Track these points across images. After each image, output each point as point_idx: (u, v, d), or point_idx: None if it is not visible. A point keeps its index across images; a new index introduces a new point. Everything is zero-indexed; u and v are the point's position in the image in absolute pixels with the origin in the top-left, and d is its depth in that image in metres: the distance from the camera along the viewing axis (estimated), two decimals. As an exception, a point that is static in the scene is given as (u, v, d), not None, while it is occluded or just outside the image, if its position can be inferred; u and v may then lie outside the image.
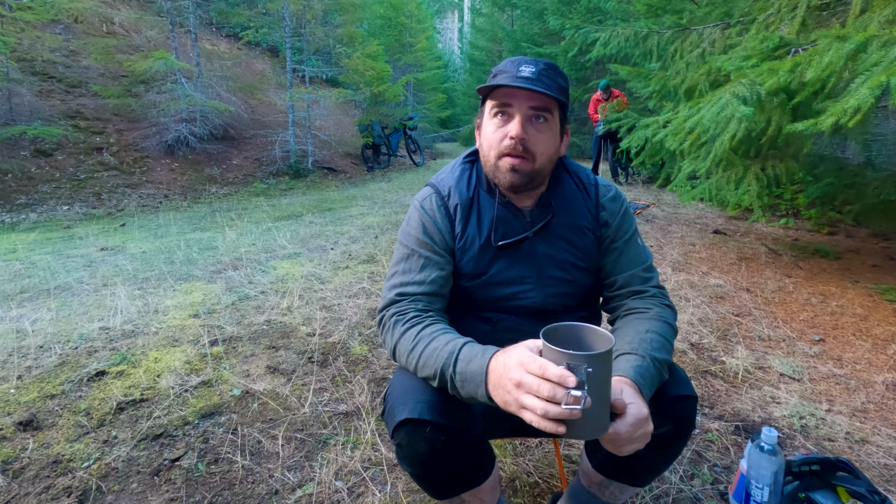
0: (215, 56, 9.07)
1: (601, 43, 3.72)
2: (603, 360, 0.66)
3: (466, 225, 1.00)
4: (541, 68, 0.92)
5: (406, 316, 0.93)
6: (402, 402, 0.87)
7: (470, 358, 0.80)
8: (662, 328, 0.92)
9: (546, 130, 0.93)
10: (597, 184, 1.06)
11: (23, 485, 1.39)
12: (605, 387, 0.68)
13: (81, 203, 6.69)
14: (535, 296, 1.00)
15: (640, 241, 1.05)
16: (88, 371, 1.97)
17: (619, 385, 0.76)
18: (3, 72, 6.85)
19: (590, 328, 0.74)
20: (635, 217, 1.08)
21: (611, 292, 1.04)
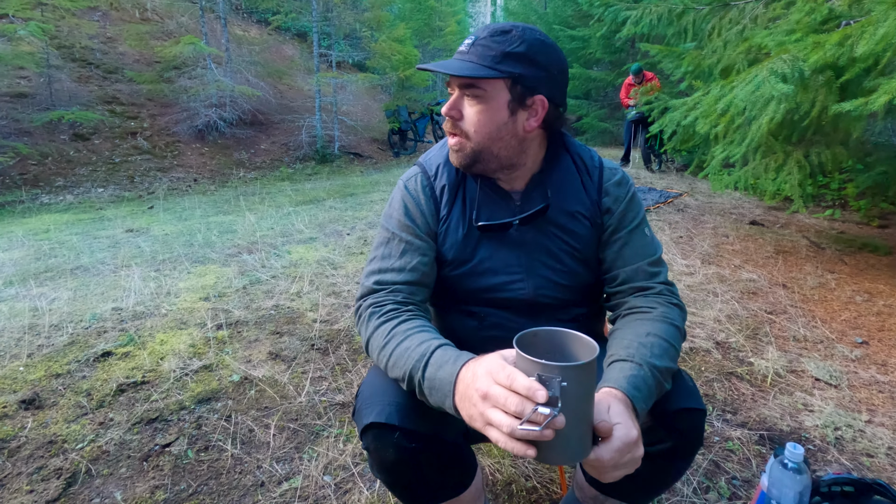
0: (245, 41, 9.14)
1: (632, 21, 3.50)
2: (581, 374, 0.56)
3: (452, 207, 0.91)
4: (480, 38, 0.82)
5: (382, 308, 0.84)
6: (369, 403, 0.79)
7: (441, 364, 0.71)
8: (666, 331, 0.81)
9: (479, 105, 0.83)
10: (601, 166, 0.94)
11: (16, 464, 1.39)
12: (583, 404, 0.58)
13: (115, 185, 6.90)
14: (524, 287, 0.90)
15: (647, 232, 0.93)
16: (95, 351, 1.99)
17: (607, 399, 0.66)
18: (44, 58, 7.08)
19: (574, 335, 0.64)
20: (646, 205, 0.95)
21: (612, 288, 0.93)
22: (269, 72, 9.23)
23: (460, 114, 0.84)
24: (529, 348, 0.62)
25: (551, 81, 0.85)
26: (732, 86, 2.40)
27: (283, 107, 10.17)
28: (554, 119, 0.88)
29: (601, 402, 0.64)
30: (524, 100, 0.83)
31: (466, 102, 0.83)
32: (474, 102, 0.82)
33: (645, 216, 0.95)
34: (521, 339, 0.62)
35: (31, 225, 4.64)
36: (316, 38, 8.88)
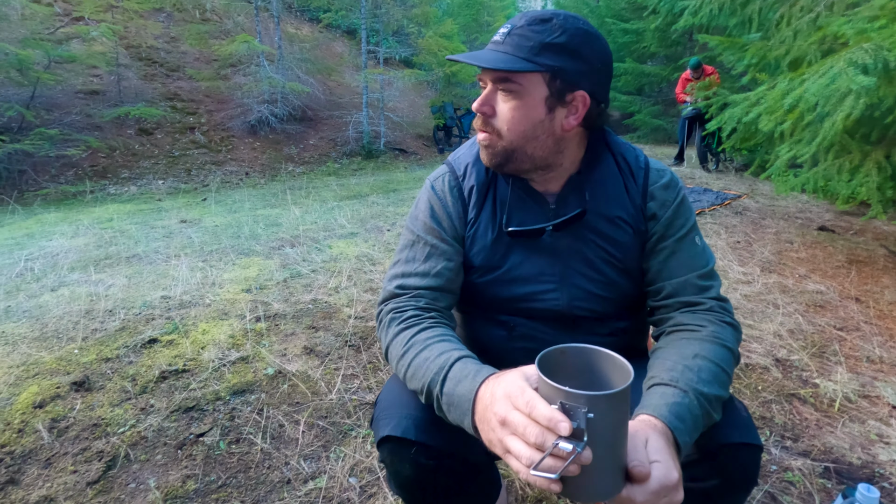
0: (296, 39, 9.39)
1: (690, 12, 3.28)
2: (612, 404, 0.49)
3: (481, 210, 0.85)
4: (517, 27, 0.75)
5: (403, 314, 0.80)
6: (387, 414, 0.75)
7: (460, 378, 0.65)
8: (717, 353, 0.72)
9: (513, 101, 0.76)
10: (647, 167, 0.85)
11: (64, 444, 1.46)
12: (614, 437, 0.51)
13: (174, 178, 7.27)
14: (557, 297, 0.83)
15: (698, 241, 0.83)
16: (143, 338, 2.07)
17: (645, 430, 0.58)
18: (114, 57, 7.55)
19: (608, 355, 0.57)
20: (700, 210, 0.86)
21: (657, 301, 0.84)
22: (318, 68, 9.45)
23: (493, 110, 0.78)
24: (556, 368, 0.55)
25: (593, 75, 0.77)
26: (802, 79, 2.18)
27: (332, 103, 10.38)
28: (595, 116, 0.80)
29: (638, 433, 0.57)
30: (563, 96, 0.76)
31: (500, 98, 0.77)
32: (508, 98, 0.76)
33: (696, 224, 0.85)
34: (545, 357, 0.55)
35: (96, 214, 4.95)
36: (364, 35, 9.00)
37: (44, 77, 6.27)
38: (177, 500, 1.26)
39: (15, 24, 6.69)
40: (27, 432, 1.50)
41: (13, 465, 1.38)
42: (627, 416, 0.52)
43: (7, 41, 6.14)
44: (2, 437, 1.48)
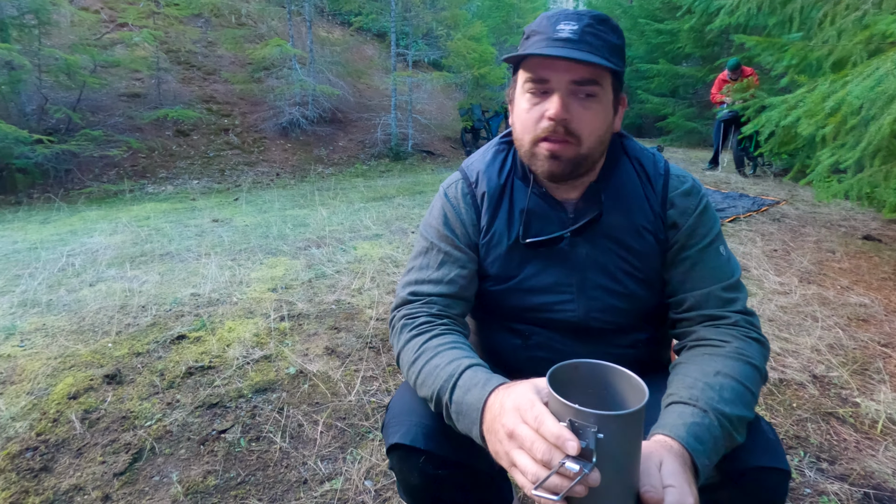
0: (328, 42, 9.55)
1: (726, 11, 3.16)
2: (624, 425, 0.47)
3: (494, 218, 0.83)
4: (585, 24, 0.72)
5: (415, 321, 0.79)
6: (397, 421, 0.74)
7: (469, 387, 0.64)
8: (741, 371, 0.68)
9: (594, 106, 0.73)
10: (667, 173, 0.82)
11: (94, 435, 1.52)
12: (626, 460, 0.49)
13: (208, 178, 7.50)
14: (574, 308, 0.81)
15: (722, 251, 0.80)
16: (172, 334, 2.13)
17: (660, 452, 0.55)
18: (155, 61, 7.85)
19: (622, 373, 0.55)
20: (723, 219, 0.82)
21: (678, 314, 0.81)
22: (348, 71, 9.58)
23: (571, 116, 0.72)
24: (568, 383, 0.54)
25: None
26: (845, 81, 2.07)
27: (361, 105, 10.51)
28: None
29: (652, 454, 0.54)
30: (619, 97, 0.78)
31: (578, 102, 0.72)
32: (590, 102, 0.73)
33: (720, 232, 0.81)
34: (557, 372, 0.53)
35: (134, 212, 5.15)
36: (393, 38, 9.08)
37: (90, 81, 6.57)
38: (197, 494, 1.29)
39: (65, 31, 7.04)
40: (61, 422, 1.57)
41: (47, 454, 1.44)
42: (641, 437, 0.50)
43: (57, 47, 6.47)
44: (38, 425, 1.55)
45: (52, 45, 6.62)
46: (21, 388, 1.74)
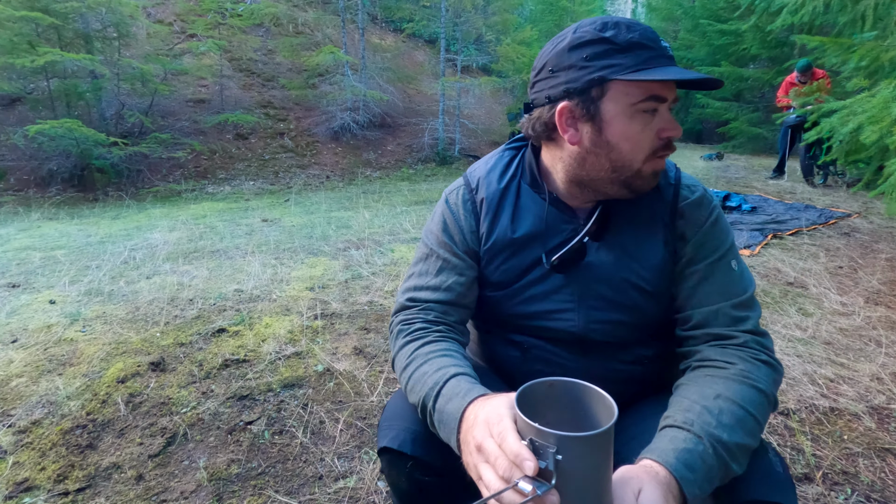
0: (379, 49, 9.80)
1: (789, 10, 2.96)
2: (586, 447, 0.45)
3: (495, 224, 0.82)
4: (662, 39, 0.70)
5: (411, 326, 0.80)
6: (388, 425, 0.75)
7: (451, 396, 0.64)
8: (744, 395, 0.64)
9: None
10: (677, 183, 0.78)
11: (136, 417, 1.63)
12: (589, 484, 0.47)
13: (263, 180, 7.87)
14: (573, 319, 0.79)
15: (734, 266, 0.75)
16: (214, 327, 2.26)
17: (641, 478, 0.53)
18: (219, 69, 8.35)
19: (597, 393, 0.53)
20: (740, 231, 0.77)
21: (684, 331, 0.76)
22: (399, 77, 9.78)
23: None
24: (543, 401, 0.53)
25: None
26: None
27: (410, 110, 10.69)
28: None
29: (631, 480, 0.52)
30: None
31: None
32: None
33: (733, 246, 0.77)
34: (530, 389, 0.52)
35: (193, 210, 5.49)
36: (443, 43, 9.18)
37: (160, 88, 7.09)
38: (220, 481, 1.36)
39: (141, 42, 7.64)
40: (109, 403, 1.70)
41: (94, 432, 1.56)
42: (608, 461, 0.48)
43: (134, 57, 7.03)
44: (89, 405, 1.68)
45: (129, 55, 7.20)
46: (78, 370, 1.89)
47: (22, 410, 1.65)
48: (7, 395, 1.74)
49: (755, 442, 0.62)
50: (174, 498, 1.30)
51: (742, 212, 4.84)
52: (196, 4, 8.38)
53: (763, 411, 0.64)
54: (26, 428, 1.56)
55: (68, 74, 6.27)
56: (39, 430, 1.55)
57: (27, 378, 1.84)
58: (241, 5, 8.84)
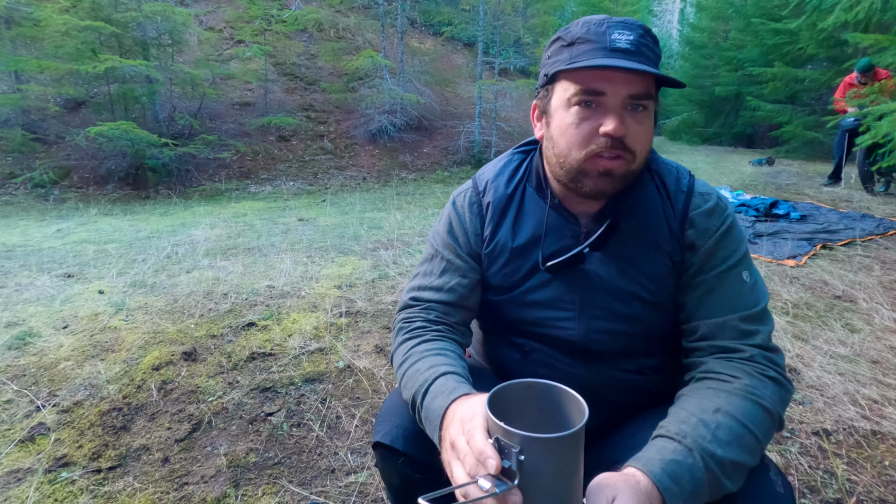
0: (418, 52, 9.91)
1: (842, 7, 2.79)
2: (550, 449, 0.45)
3: (498, 227, 0.82)
4: (640, 35, 0.68)
5: (411, 324, 0.81)
6: (382, 420, 0.77)
7: (437, 394, 0.65)
8: (745, 411, 0.61)
9: (646, 121, 0.70)
10: (690, 191, 0.76)
11: (166, 403, 1.72)
12: (554, 485, 0.47)
13: (302, 180, 8.11)
14: (573, 328, 0.77)
15: (745, 277, 0.72)
16: (244, 321, 2.35)
17: (618, 485, 0.52)
18: (263, 73, 8.68)
19: (571, 395, 0.53)
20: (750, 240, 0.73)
21: (690, 343, 0.74)
22: (436, 80, 9.86)
23: (625, 131, 0.69)
24: (521, 402, 0.53)
25: None
26: None
27: (447, 113, 10.75)
28: None
29: (606, 487, 0.51)
30: (657, 110, 0.74)
31: (632, 117, 0.69)
32: (643, 116, 0.70)
33: (746, 257, 0.73)
34: (505, 390, 0.53)
35: (235, 209, 5.73)
36: (480, 46, 9.19)
37: (208, 92, 7.43)
38: (238, 468, 1.41)
39: (193, 48, 8.05)
40: (143, 389, 1.80)
41: (128, 415, 1.66)
42: (575, 464, 0.47)
43: (185, 63, 7.41)
44: (126, 389, 1.79)
45: (182, 61, 7.60)
46: (118, 357, 2.01)
47: (66, 391, 1.77)
48: (55, 376, 1.88)
49: (753, 460, 0.59)
50: (195, 481, 1.36)
51: (790, 220, 4.60)
52: (244, 11, 8.74)
53: (764, 429, 0.61)
54: (69, 408, 1.68)
55: (126, 79, 6.68)
56: (80, 411, 1.66)
57: (73, 361, 1.98)
58: (285, 12, 9.16)
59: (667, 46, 26.96)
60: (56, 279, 2.98)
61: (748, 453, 0.59)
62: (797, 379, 1.91)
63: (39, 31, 6.20)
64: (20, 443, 1.49)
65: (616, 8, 13.29)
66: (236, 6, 9.59)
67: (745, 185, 7.00)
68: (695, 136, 16.24)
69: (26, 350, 2.08)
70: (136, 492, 1.32)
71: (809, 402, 1.76)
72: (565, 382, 0.82)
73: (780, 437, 1.58)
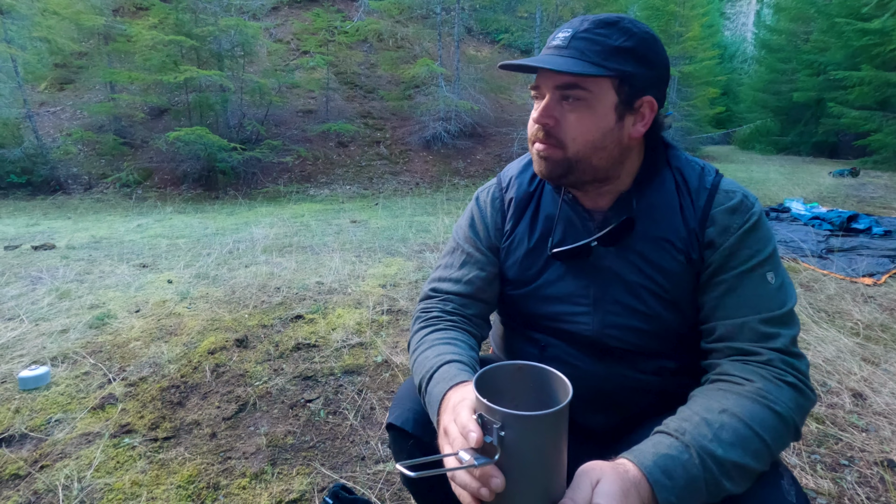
0: (474, 60, 10.01)
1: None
2: (531, 426, 0.46)
3: (518, 222, 0.84)
4: (582, 29, 0.70)
5: (428, 314, 0.85)
6: (397, 403, 0.80)
7: (439, 380, 0.68)
8: (754, 414, 0.59)
9: (580, 110, 0.70)
10: (714, 188, 0.74)
11: (218, 385, 1.85)
12: (535, 463, 0.48)
13: (358, 184, 8.41)
14: (587, 323, 0.77)
15: (770, 279, 0.69)
16: (293, 313, 2.48)
17: (604, 471, 0.52)
18: (325, 81, 9.11)
19: (559, 379, 0.54)
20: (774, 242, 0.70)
21: (707, 344, 0.72)
22: (491, 87, 9.91)
23: (556, 121, 0.73)
24: (512, 384, 0.55)
25: (659, 81, 0.74)
26: None
27: (501, 120, 10.76)
28: (659, 124, 0.75)
29: (591, 471, 0.51)
30: (632, 102, 0.72)
31: (565, 107, 0.72)
32: (576, 106, 0.71)
33: (773, 257, 0.70)
34: (495, 370, 0.54)
35: (294, 210, 6.03)
36: (537, 53, 9.15)
37: (274, 100, 7.91)
38: (276, 448, 1.50)
39: (262, 59, 8.59)
40: (199, 370, 1.94)
41: (185, 392, 1.80)
42: (557, 444, 0.48)
43: (256, 73, 7.92)
44: (184, 369, 1.94)
45: (252, 71, 8.13)
46: (180, 340, 2.19)
47: (134, 367, 1.96)
48: (126, 354, 2.07)
49: (760, 465, 0.57)
50: (237, 456, 1.46)
51: (871, 235, 4.22)
52: (310, 24, 9.23)
53: (776, 435, 0.59)
54: (135, 382, 1.85)
55: (202, 88, 7.24)
56: (144, 386, 1.83)
57: (142, 342, 2.17)
58: (347, 23, 9.57)
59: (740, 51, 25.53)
60: (133, 268, 3.28)
61: (753, 457, 0.57)
62: (862, 405, 1.76)
63: (131, 45, 6.87)
64: (92, 410, 1.67)
65: (683, 11, 12.76)
66: (303, 19, 10.15)
67: (821, 197, 6.49)
68: (769, 145, 15.22)
69: (104, 329, 2.31)
70: (186, 461, 1.44)
71: (875, 430, 1.62)
72: (581, 381, 0.82)
73: (837, 465, 1.47)
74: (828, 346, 2.14)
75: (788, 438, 0.60)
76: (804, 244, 3.86)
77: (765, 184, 7.97)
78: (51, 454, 1.46)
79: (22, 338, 2.20)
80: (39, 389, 1.80)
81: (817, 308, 2.59)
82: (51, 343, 2.15)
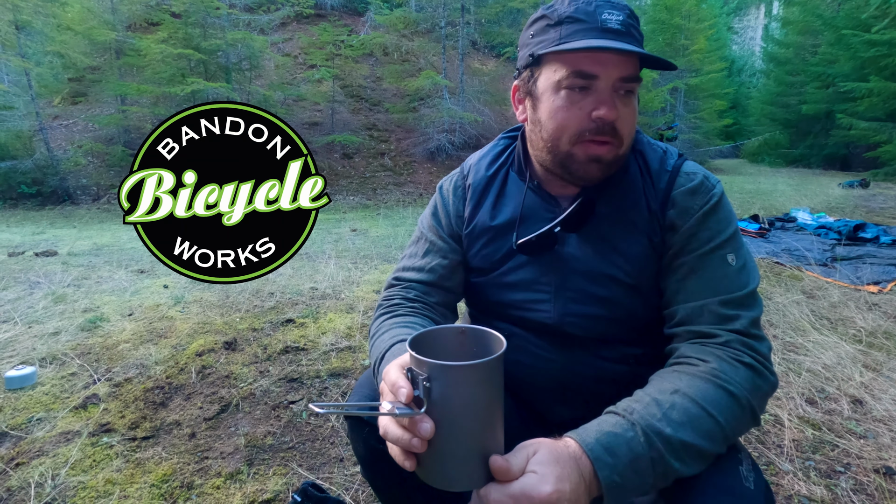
0: (479, 73, 10.10)
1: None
2: (456, 378, 0.45)
3: (477, 209, 0.82)
4: (627, 14, 0.67)
5: (390, 302, 0.83)
6: (354, 392, 0.78)
7: (390, 359, 0.66)
8: (707, 393, 0.56)
9: (633, 104, 0.69)
10: (675, 170, 0.72)
11: (202, 386, 1.84)
12: (464, 415, 0.47)
13: (362, 195, 8.46)
14: (548, 310, 0.75)
15: (730, 260, 0.66)
16: (284, 317, 2.47)
17: (543, 443, 0.50)
18: (331, 94, 9.23)
19: (499, 339, 0.52)
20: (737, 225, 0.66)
21: (669, 329, 0.69)
22: (495, 99, 9.98)
23: (618, 116, 0.67)
24: (456, 348, 0.55)
25: None
26: None
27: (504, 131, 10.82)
28: None
29: (530, 445, 0.50)
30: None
31: (621, 101, 0.67)
32: (630, 100, 0.68)
33: (734, 238, 0.68)
34: (436, 332, 0.55)
35: (297, 219, 6.06)
36: (542, 66, 9.21)
37: (280, 112, 8.01)
38: (255, 448, 1.48)
39: (269, 73, 8.74)
40: (185, 371, 1.93)
41: (168, 393, 1.79)
42: (487, 399, 0.47)
43: (262, 86, 8.05)
44: (170, 371, 1.93)
45: (259, 84, 8.27)
46: (169, 342, 2.19)
47: (120, 369, 1.95)
48: (114, 356, 2.07)
49: (713, 446, 0.54)
50: (214, 456, 1.44)
51: (879, 244, 4.15)
52: (316, 38, 9.40)
53: (729, 415, 0.56)
54: (120, 383, 1.84)
55: (209, 101, 7.37)
56: (129, 386, 1.82)
57: (131, 344, 2.17)
58: (354, 37, 9.73)
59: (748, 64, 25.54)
60: (131, 274, 3.31)
61: (705, 437, 0.54)
62: (861, 411, 1.70)
63: (140, 59, 7.03)
64: (74, 409, 1.66)
65: (688, 24, 12.84)
66: (310, 33, 10.33)
67: (829, 207, 6.40)
68: (778, 157, 15.13)
69: (95, 332, 2.31)
70: (163, 461, 1.42)
71: (873, 437, 1.56)
72: (544, 371, 0.80)
73: (832, 471, 1.41)
74: (827, 351, 2.08)
75: (745, 420, 0.57)
76: (809, 252, 3.80)
77: (772, 195, 7.90)
78: (28, 452, 1.45)
79: (14, 339, 2.21)
80: (25, 389, 1.79)
81: (819, 315, 2.53)
82: (41, 344, 2.15)
